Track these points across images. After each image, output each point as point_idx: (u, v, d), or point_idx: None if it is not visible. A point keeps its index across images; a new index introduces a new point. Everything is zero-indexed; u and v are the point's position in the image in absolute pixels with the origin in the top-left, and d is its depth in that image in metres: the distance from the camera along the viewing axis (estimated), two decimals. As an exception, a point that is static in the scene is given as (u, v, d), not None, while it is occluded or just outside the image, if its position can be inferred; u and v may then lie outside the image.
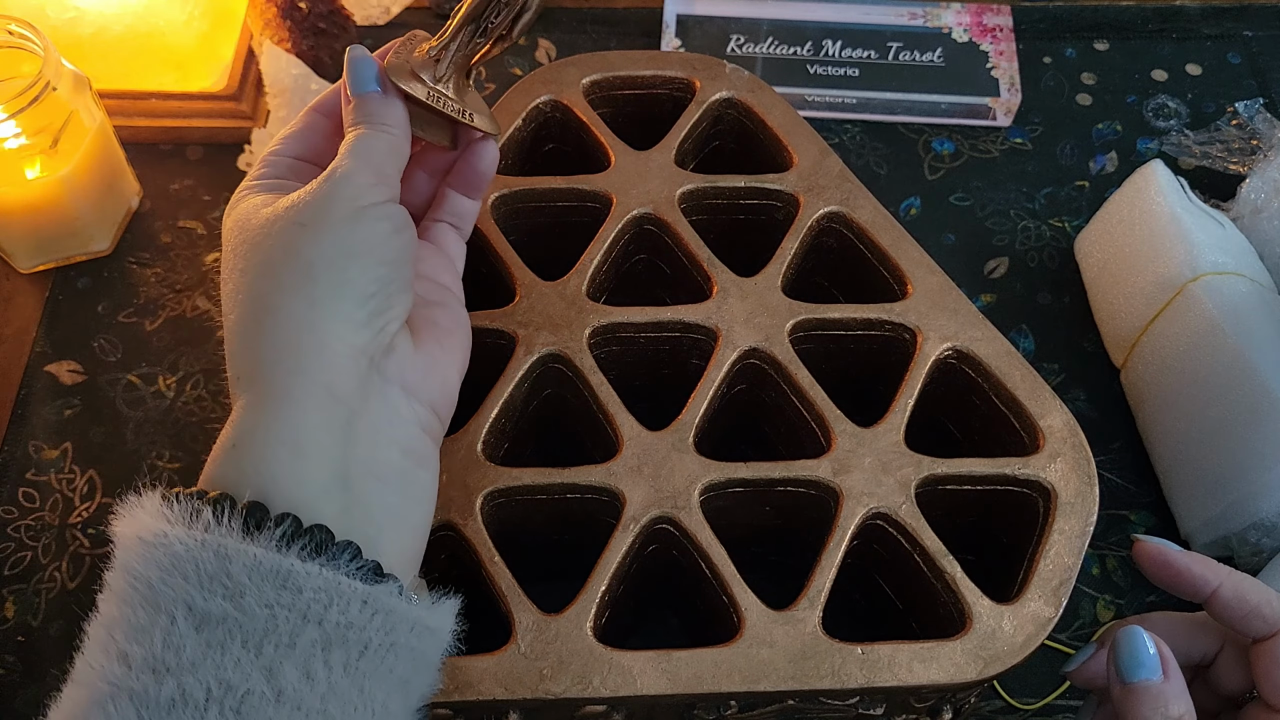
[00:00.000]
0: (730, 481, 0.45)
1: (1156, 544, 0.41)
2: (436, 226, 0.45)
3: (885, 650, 0.41)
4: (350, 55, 0.42)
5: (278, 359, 0.36)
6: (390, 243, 0.39)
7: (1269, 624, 0.39)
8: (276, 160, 0.43)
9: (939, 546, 0.44)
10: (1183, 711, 0.37)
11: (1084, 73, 0.73)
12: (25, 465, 0.58)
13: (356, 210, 0.38)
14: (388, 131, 0.41)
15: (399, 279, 0.39)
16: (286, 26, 0.68)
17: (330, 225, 0.38)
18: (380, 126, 0.41)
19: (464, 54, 0.43)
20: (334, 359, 0.36)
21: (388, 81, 0.42)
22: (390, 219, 0.39)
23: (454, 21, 0.42)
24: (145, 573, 0.33)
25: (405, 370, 0.39)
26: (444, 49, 0.42)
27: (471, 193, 0.45)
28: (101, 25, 0.67)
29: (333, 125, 0.43)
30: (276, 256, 0.37)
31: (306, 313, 0.37)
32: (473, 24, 0.42)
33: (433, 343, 0.41)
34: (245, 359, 0.37)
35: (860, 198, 0.52)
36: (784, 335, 0.48)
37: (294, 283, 0.37)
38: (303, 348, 0.36)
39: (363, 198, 0.39)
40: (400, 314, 0.39)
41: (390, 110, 0.41)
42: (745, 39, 0.72)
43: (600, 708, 0.41)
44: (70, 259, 0.65)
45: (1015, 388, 0.47)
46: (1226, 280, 0.56)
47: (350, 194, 0.38)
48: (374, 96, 0.41)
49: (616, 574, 0.43)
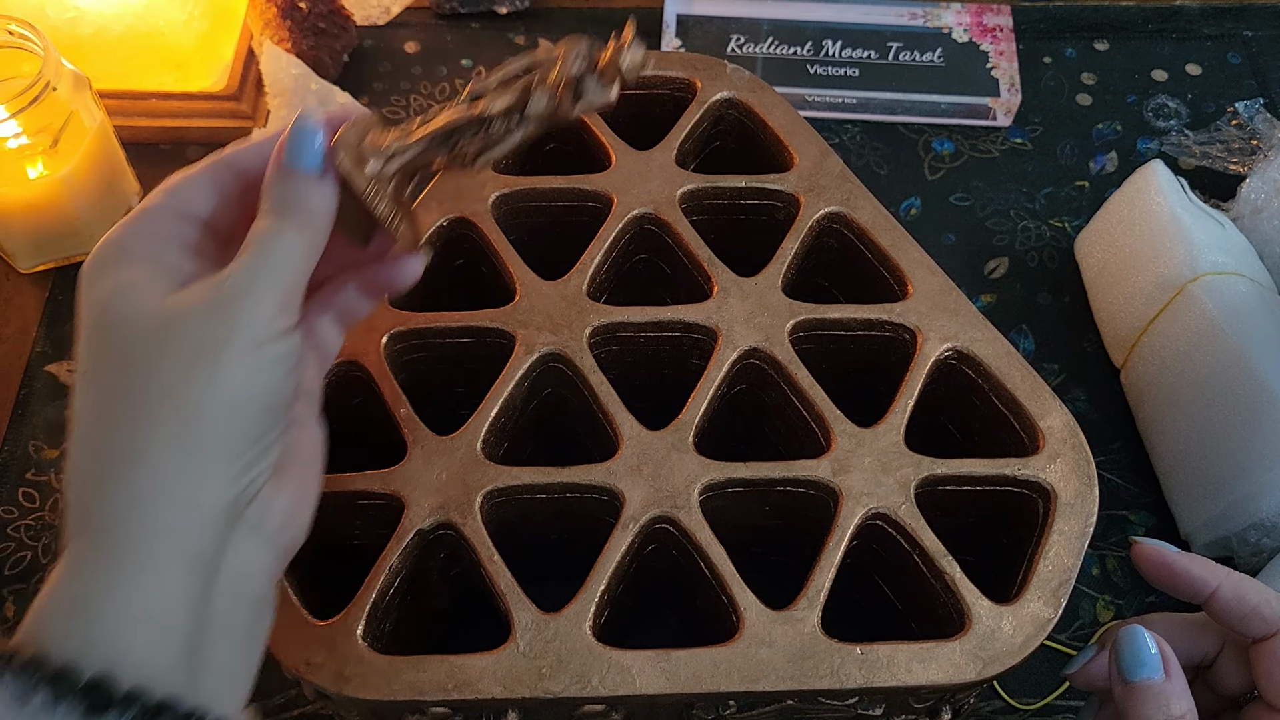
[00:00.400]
0: (730, 481, 0.45)
1: (1155, 546, 0.41)
2: (321, 318, 0.40)
3: (884, 650, 0.41)
4: (299, 121, 0.36)
5: (137, 514, 0.31)
6: (282, 387, 0.34)
7: (1269, 624, 0.39)
8: (161, 216, 0.36)
9: (938, 547, 0.44)
10: (1184, 710, 0.37)
11: (1084, 73, 0.73)
12: (25, 465, 0.58)
13: (256, 347, 0.33)
14: (310, 228, 0.35)
15: (281, 424, 0.35)
16: (286, 26, 0.68)
17: (224, 368, 0.33)
18: (304, 219, 0.35)
19: (419, 164, 0.38)
20: (201, 520, 0.32)
21: (331, 163, 0.36)
22: (288, 358, 0.34)
23: (426, 128, 0.38)
24: None
25: (267, 518, 0.35)
26: (403, 149, 0.38)
27: (374, 296, 0.40)
28: (101, 25, 0.67)
29: (241, 188, 0.37)
30: (154, 391, 0.32)
31: (178, 467, 0.32)
32: (444, 139, 0.38)
33: (295, 480, 0.37)
34: (97, 499, 0.32)
35: (860, 198, 0.52)
36: (784, 335, 0.48)
37: (171, 431, 0.32)
38: (168, 506, 0.32)
39: (265, 329, 0.33)
40: (274, 459, 0.35)
41: (322, 199, 0.36)
42: (745, 39, 0.72)
43: (599, 707, 0.41)
44: (70, 259, 0.65)
45: (1015, 388, 0.47)
46: (1226, 280, 0.56)
47: (253, 326, 0.33)
48: (310, 178, 0.36)
49: (616, 573, 0.43)
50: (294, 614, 0.41)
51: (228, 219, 0.37)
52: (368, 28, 0.75)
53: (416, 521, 0.43)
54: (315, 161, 0.36)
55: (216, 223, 0.37)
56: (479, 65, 0.73)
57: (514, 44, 0.74)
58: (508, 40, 0.74)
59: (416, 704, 0.40)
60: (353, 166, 0.36)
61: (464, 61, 0.73)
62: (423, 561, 0.44)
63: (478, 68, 0.37)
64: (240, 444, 0.33)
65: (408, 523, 0.43)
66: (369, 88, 0.72)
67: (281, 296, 0.34)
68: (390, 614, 0.43)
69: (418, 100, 0.71)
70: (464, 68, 0.73)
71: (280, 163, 0.36)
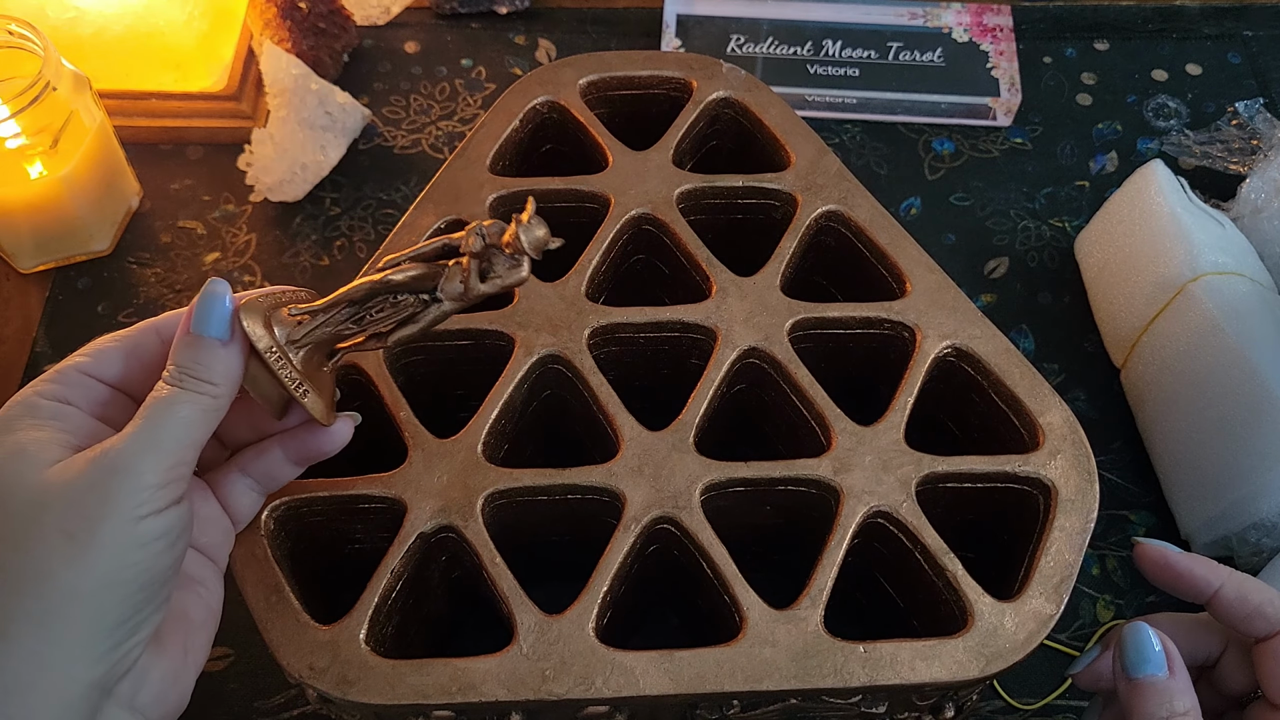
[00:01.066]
0: (731, 481, 0.45)
1: (1157, 546, 0.41)
2: (237, 483, 0.40)
3: (887, 648, 0.41)
4: (207, 287, 0.36)
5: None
6: (160, 561, 0.34)
7: (1271, 623, 0.39)
8: (74, 376, 0.36)
9: (940, 544, 0.44)
10: (1188, 707, 0.37)
11: (1084, 73, 0.73)
12: (25, 466, 0.58)
13: (134, 523, 0.33)
14: (207, 394, 0.35)
15: (159, 598, 0.34)
16: (286, 26, 0.68)
17: (96, 549, 0.32)
18: (200, 386, 0.35)
19: (330, 333, 0.38)
20: (65, 699, 0.32)
21: (237, 328, 0.36)
22: (169, 533, 0.34)
23: (333, 295, 0.38)
24: None
25: (140, 692, 0.34)
26: (312, 315, 0.38)
27: (299, 464, 0.40)
28: (101, 25, 0.67)
29: (163, 354, 0.37)
30: (24, 571, 0.32)
31: (39, 651, 0.31)
32: (352, 307, 0.38)
33: (177, 646, 0.36)
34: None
35: (858, 196, 0.52)
36: (783, 334, 0.48)
37: (39, 612, 0.31)
38: (26, 693, 0.31)
39: (144, 506, 0.33)
40: (149, 633, 0.34)
41: (223, 365, 0.36)
42: (745, 39, 0.72)
43: (603, 708, 0.41)
44: (70, 259, 0.65)
45: (1015, 385, 0.47)
46: (1227, 280, 0.56)
47: (131, 503, 0.33)
48: (212, 344, 0.36)
49: (618, 574, 0.43)
50: (296, 619, 0.41)
51: (146, 384, 0.36)
52: (368, 28, 0.74)
53: (418, 525, 0.43)
54: (220, 328, 0.36)
55: (132, 387, 0.37)
56: (478, 65, 0.73)
57: (514, 44, 0.74)
58: (508, 40, 0.74)
59: (420, 707, 0.40)
60: (259, 333, 0.36)
61: (464, 61, 0.73)
62: (424, 565, 0.44)
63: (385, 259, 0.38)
64: (110, 623, 0.33)
65: (409, 526, 0.43)
66: (369, 88, 0.72)
67: (165, 470, 0.34)
68: (393, 618, 0.43)
69: (417, 100, 0.71)
70: (464, 67, 0.73)
71: (186, 328, 0.36)
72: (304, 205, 0.67)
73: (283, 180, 0.66)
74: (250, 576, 0.42)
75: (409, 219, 0.51)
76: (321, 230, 0.66)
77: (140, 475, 0.33)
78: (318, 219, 0.67)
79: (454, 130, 0.70)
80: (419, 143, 0.70)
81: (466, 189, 0.51)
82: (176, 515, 0.34)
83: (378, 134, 0.70)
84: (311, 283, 0.64)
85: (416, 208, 0.51)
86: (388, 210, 0.67)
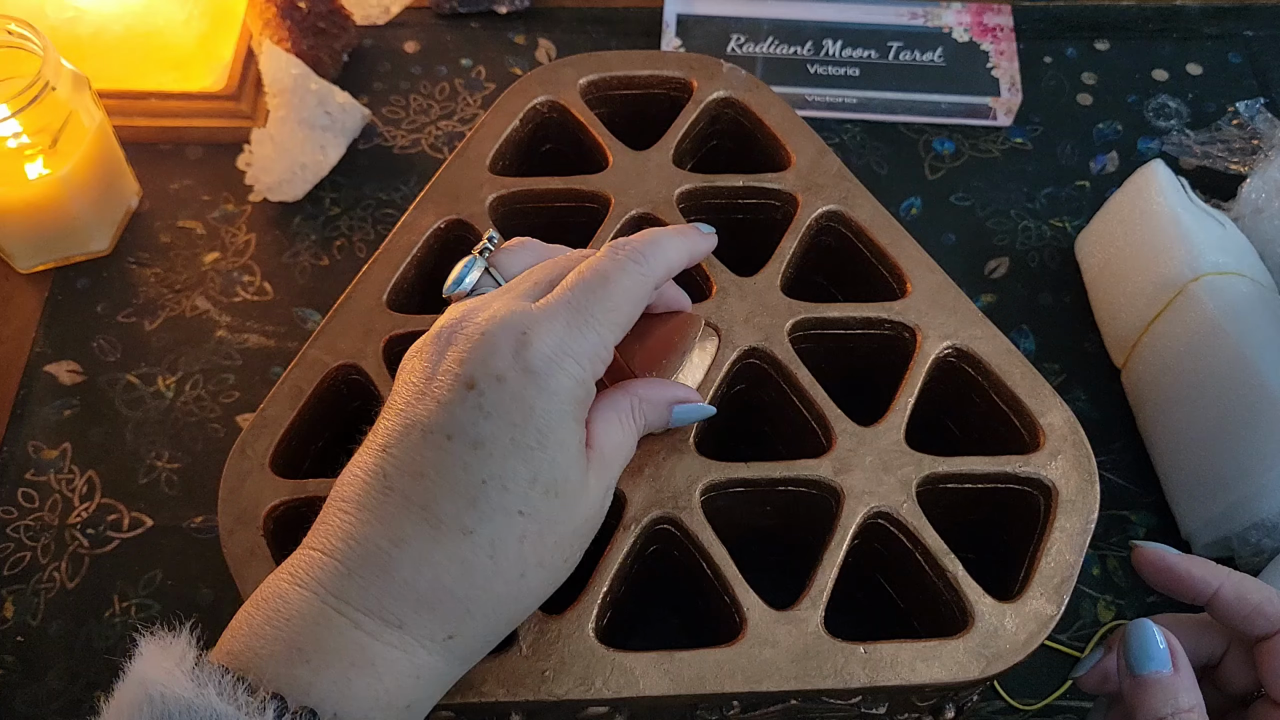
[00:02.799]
0: (731, 481, 0.45)
1: (1155, 549, 0.41)
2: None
3: (888, 649, 0.41)
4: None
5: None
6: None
7: (1272, 622, 0.39)
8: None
9: (940, 545, 0.43)
10: (1193, 703, 0.37)
11: (1084, 72, 0.73)
12: (24, 465, 0.58)
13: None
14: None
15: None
16: (286, 26, 0.68)
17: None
18: None
19: None
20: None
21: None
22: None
23: None
24: None
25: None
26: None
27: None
28: (101, 25, 0.67)
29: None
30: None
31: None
32: None
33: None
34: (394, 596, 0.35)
35: (858, 196, 0.51)
36: (784, 335, 0.48)
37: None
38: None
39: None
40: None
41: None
42: (745, 38, 0.72)
43: (603, 709, 0.41)
44: (70, 259, 0.64)
45: (1015, 385, 0.47)
46: (1227, 280, 0.56)
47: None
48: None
49: (618, 575, 0.43)
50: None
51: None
52: (367, 27, 0.74)
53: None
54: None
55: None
56: (478, 65, 0.73)
57: (514, 44, 0.74)
58: (507, 40, 0.74)
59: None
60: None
61: (463, 61, 0.73)
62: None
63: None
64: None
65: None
66: (369, 88, 0.72)
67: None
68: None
69: (417, 100, 0.71)
70: (464, 67, 0.73)
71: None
72: (304, 205, 0.67)
73: (282, 180, 0.66)
74: (250, 576, 0.42)
75: (409, 219, 0.51)
76: (321, 230, 0.66)
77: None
78: (317, 219, 0.67)
79: (454, 130, 0.70)
80: (419, 142, 0.70)
81: (466, 189, 0.51)
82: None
83: (377, 134, 0.70)
84: (311, 282, 0.64)
85: (416, 208, 0.51)
86: (387, 210, 0.67)
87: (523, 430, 0.36)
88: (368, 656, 0.34)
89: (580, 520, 0.38)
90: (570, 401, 0.37)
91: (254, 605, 0.35)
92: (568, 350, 0.37)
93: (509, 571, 0.36)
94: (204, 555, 0.56)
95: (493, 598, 0.36)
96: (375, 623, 0.35)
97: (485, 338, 0.37)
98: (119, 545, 0.56)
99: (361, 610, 0.35)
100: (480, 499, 0.36)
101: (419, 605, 0.35)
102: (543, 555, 0.37)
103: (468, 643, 0.37)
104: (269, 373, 0.61)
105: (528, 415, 0.36)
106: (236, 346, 0.62)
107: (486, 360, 0.37)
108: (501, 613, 0.37)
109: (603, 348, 0.39)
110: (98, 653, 0.53)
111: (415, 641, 0.35)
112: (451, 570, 0.35)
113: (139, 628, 0.52)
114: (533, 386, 0.37)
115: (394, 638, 0.35)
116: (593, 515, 0.39)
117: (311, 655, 0.34)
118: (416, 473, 0.36)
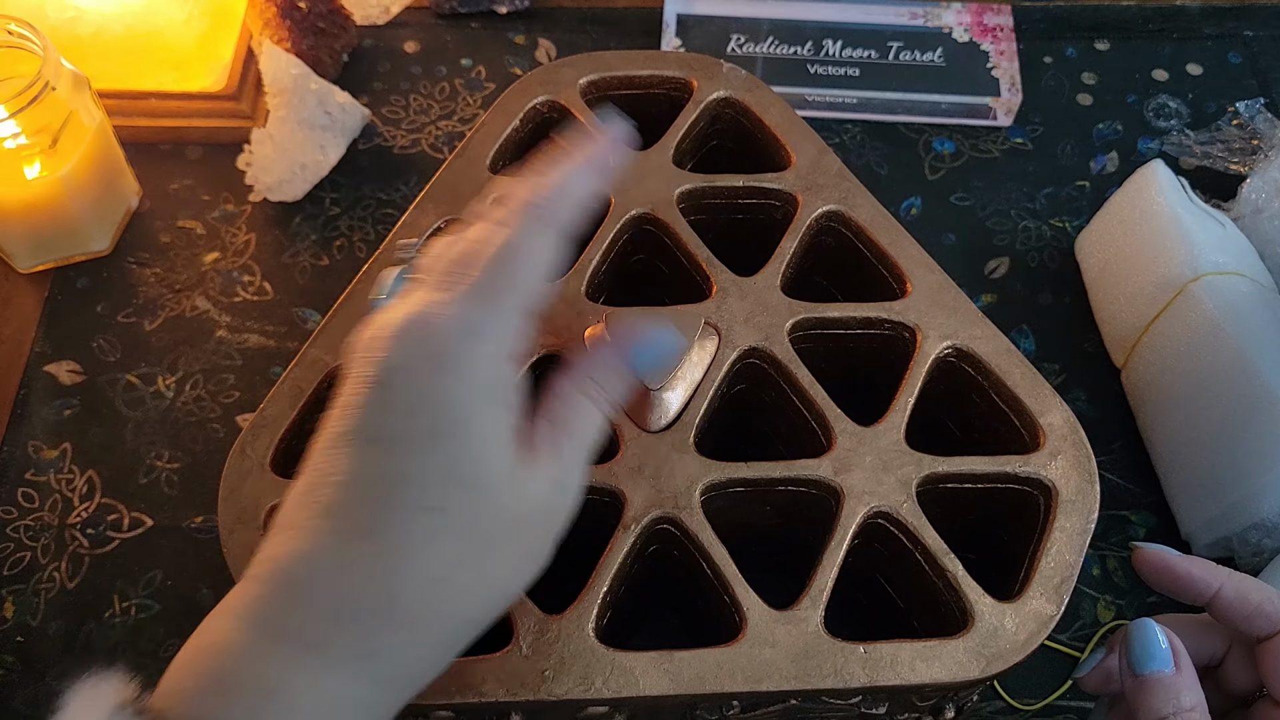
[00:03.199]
0: (731, 481, 0.45)
1: (1155, 550, 0.41)
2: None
3: (888, 649, 0.41)
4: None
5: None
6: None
7: (1272, 622, 0.39)
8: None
9: (940, 545, 0.43)
10: (1195, 703, 0.37)
11: (1084, 72, 0.73)
12: (24, 465, 0.58)
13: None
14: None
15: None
16: (286, 26, 0.68)
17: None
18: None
19: None
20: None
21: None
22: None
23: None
24: None
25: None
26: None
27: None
28: (101, 25, 0.67)
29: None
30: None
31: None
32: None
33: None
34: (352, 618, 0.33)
35: (858, 196, 0.51)
36: (784, 334, 0.48)
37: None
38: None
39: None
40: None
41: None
42: (745, 38, 0.72)
43: (602, 709, 0.41)
44: (69, 259, 0.64)
45: (1015, 385, 0.47)
46: (1227, 280, 0.56)
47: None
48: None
49: (618, 575, 0.43)
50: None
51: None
52: (367, 27, 0.74)
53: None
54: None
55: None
56: (478, 65, 0.73)
57: (514, 44, 0.74)
58: (507, 40, 0.74)
59: (420, 708, 0.40)
60: None
61: (464, 61, 0.73)
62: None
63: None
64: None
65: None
66: (369, 88, 0.72)
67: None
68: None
69: (417, 100, 0.71)
70: (464, 67, 0.73)
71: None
72: (303, 205, 0.67)
73: (282, 180, 0.66)
74: (249, 576, 0.42)
75: (409, 219, 0.51)
76: (321, 230, 0.66)
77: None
78: (317, 219, 0.67)
79: (454, 130, 0.70)
80: (419, 142, 0.70)
81: (466, 189, 0.51)
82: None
83: (377, 134, 0.70)
84: (311, 282, 0.64)
85: (416, 207, 0.51)
86: (387, 210, 0.67)
87: (434, 421, 0.34)
88: (279, 686, 0.32)
89: (513, 515, 0.35)
90: (487, 385, 0.35)
91: (192, 638, 0.34)
92: (475, 331, 0.35)
93: (418, 575, 0.33)
94: (204, 555, 0.56)
95: (409, 606, 0.33)
96: (289, 647, 0.32)
97: (389, 333, 0.35)
98: (119, 545, 0.56)
99: (273, 635, 0.33)
100: (388, 499, 0.33)
101: (329, 622, 0.33)
102: (464, 555, 0.34)
103: (396, 663, 0.34)
104: (269, 373, 0.61)
105: (439, 405, 0.34)
106: (236, 346, 0.62)
107: (390, 356, 0.34)
108: (429, 624, 0.34)
109: (517, 320, 0.36)
110: (98, 653, 0.53)
111: (334, 666, 0.33)
112: (354, 579, 0.33)
113: (139, 628, 0.52)
114: (443, 374, 0.34)
115: (310, 663, 0.32)
116: (536, 509, 0.36)
117: (224, 688, 0.32)
118: (332, 481, 0.34)
